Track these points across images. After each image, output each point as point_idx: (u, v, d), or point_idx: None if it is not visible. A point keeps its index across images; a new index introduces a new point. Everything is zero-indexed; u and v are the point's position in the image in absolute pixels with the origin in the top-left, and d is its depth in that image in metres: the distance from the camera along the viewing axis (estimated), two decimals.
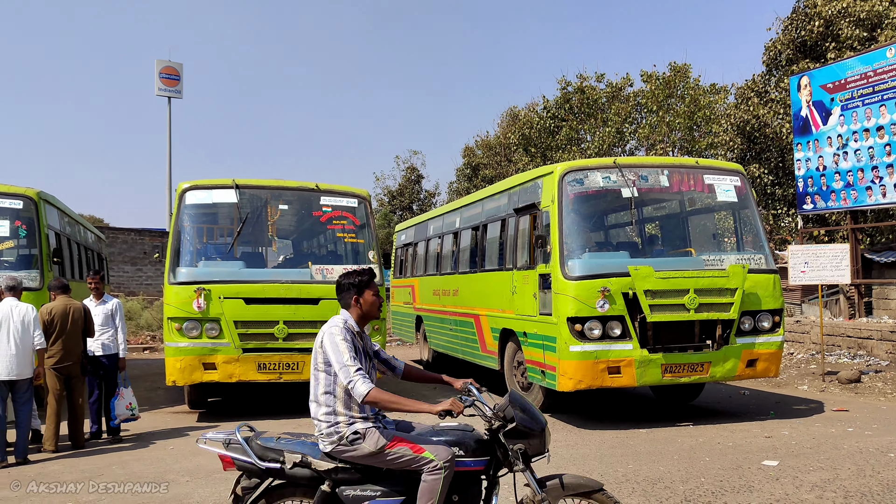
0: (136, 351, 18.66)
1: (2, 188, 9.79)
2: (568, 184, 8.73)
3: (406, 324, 16.31)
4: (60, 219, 11.30)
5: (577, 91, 26.38)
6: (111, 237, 24.69)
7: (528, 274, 9.26)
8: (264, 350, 9.22)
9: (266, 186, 10.05)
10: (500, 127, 38.04)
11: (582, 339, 8.22)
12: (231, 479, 6.42)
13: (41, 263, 9.61)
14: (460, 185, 38.18)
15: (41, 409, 8.32)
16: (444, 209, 14.32)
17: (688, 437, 8.05)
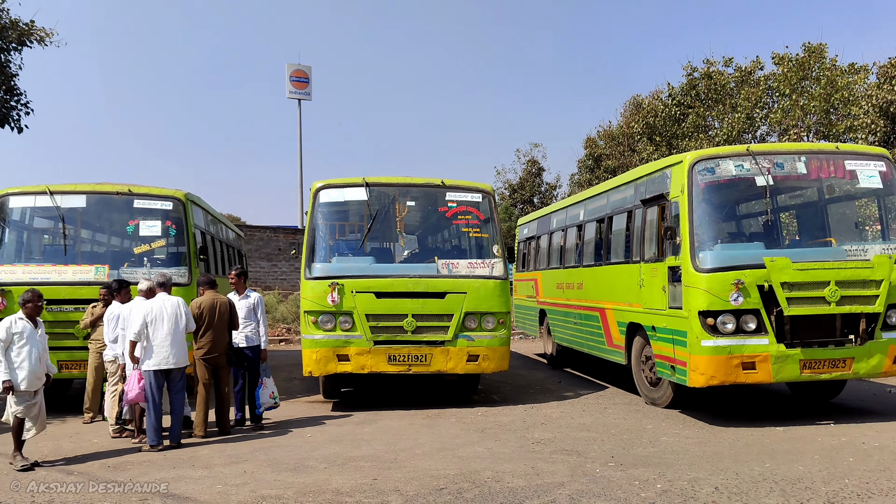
0: (272, 343, 19.60)
1: (153, 190, 10.53)
2: (698, 173, 8.50)
3: (529, 317, 16.28)
4: (205, 218, 12.03)
5: (703, 77, 25.43)
6: (248, 234, 25.94)
7: (656, 266, 9.09)
8: (394, 342, 9.52)
9: (394, 184, 10.33)
10: (622, 116, 37.19)
11: (714, 334, 7.99)
12: (366, 467, 6.70)
13: (189, 261, 10.28)
14: (582, 177, 37.64)
15: (191, 398, 8.92)
16: (568, 202, 14.20)
17: (829, 437, 7.68)
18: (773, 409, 9.64)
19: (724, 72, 25.57)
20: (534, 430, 8.39)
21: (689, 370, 8.22)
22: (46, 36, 13.76)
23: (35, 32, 13.60)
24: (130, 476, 6.59)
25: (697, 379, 8.12)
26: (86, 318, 9.25)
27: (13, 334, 6.93)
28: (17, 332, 6.96)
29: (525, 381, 12.73)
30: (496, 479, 6.25)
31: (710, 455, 6.98)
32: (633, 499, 5.58)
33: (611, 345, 10.87)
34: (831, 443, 7.38)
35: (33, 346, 7.02)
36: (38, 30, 13.66)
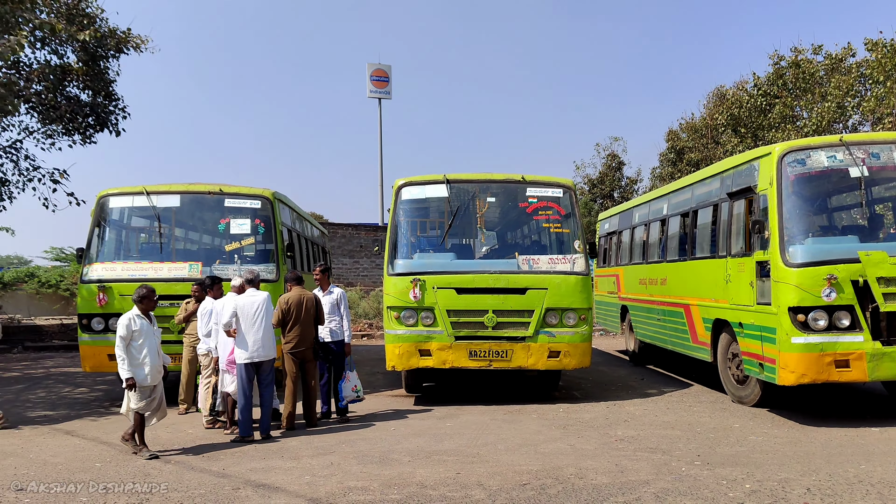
0: (355, 338, 19.96)
1: (242, 190, 10.90)
2: (788, 165, 8.26)
3: (610, 314, 16.07)
4: (291, 216, 12.37)
5: (791, 65, 24.52)
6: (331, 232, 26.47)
7: (743, 261, 8.86)
8: (475, 338, 9.59)
9: (474, 180, 10.39)
10: (706, 108, 36.23)
11: (805, 331, 7.74)
12: (450, 461, 6.79)
13: (277, 257, 10.61)
14: (664, 171, 36.87)
15: (279, 391, 9.20)
16: (650, 196, 13.95)
17: None
18: (868, 408, 9.29)
19: (813, 60, 24.60)
20: (617, 428, 8.32)
21: (778, 368, 7.98)
22: (142, 43, 14.38)
23: (132, 40, 14.23)
24: (223, 466, 6.86)
25: (787, 377, 7.88)
26: (180, 314, 9.65)
27: (132, 332, 7.26)
28: (137, 330, 7.28)
29: (607, 377, 12.60)
30: (579, 475, 6.24)
31: (801, 455, 6.78)
32: (721, 498, 5.49)
33: (696, 341, 10.65)
34: None
35: (151, 341, 7.37)
36: (135, 37, 14.29)
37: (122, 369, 7.18)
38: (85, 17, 13.23)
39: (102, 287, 10.09)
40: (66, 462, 7.12)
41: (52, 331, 20.80)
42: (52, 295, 27.33)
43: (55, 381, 13.10)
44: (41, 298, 27.25)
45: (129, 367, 7.18)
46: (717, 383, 10.20)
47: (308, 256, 14.13)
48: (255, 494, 5.93)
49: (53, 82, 13.98)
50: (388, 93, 37.88)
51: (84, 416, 9.67)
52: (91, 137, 15.38)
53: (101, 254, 10.52)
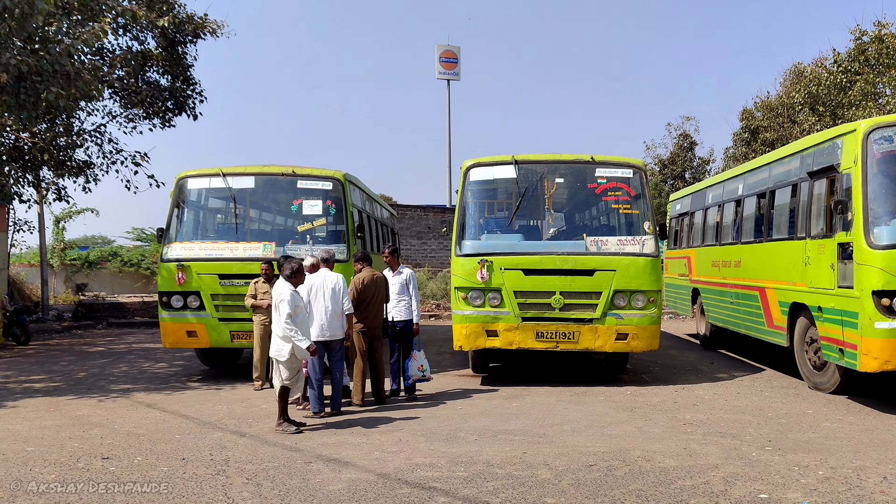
0: (422, 318, 20.17)
1: (314, 171, 11.12)
2: (874, 142, 7.89)
3: (681, 296, 15.77)
4: (361, 197, 12.57)
5: (874, 40, 23.43)
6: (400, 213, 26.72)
7: (823, 243, 8.56)
8: (542, 319, 9.60)
9: (543, 161, 10.35)
10: (782, 86, 34.96)
11: (890, 315, 7.43)
12: (516, 441, 6.84)
13: (347, 238, 10.81)
14: (737, 151, 35.82)
15: (349, 368, 9.41)
16: (725, 176, 13.57)
17: None
18: None
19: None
20: (685, 411, 8.24)
21: (860, 354, 7.68)
22: (218, 28, 14.76)
23: (208, 25, 14.61)
24: (296, 440, 7.09)
25: (870, 363, 7.58)
26: (250, 293, 9.89)
27: (296, 307, 7.53)
28: (299, 305, 7.59)
29: (675, 361, 12.44)
30: (646, 458, 6.23)
31: (877, 443, 6.61)
32: (792, 484, 5.41)
33: (771, 326, 10.36)
34: None
35: (304, 315, 7.70)
36: (211, 23, 14.66)
37: (300, 341, 7.44)
38: (164, 4, 13.64)
39: (181, 266, 10.46)
40: (148, 433, 7.46)
41: (133, 308, 21.73)
42: (134, 273, 28.50)
43: (136, 357, 13.69)
44: (123, 277, 28.45)
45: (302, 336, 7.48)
46: (791, 369, 9.97)
47: (378, 237, 14.33)
48: (325, 468, 6.11)
49: (135, 68, 14.48)
50: (457, 74, 37.80)
51: (163, 390, 10.10)
52: (170, 121, 15.91)
53: (180, 234, 10.88)
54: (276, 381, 7.64)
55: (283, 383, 7.56)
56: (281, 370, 7.55)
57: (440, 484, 5.61)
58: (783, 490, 5.28)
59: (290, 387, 7.61)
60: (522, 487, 5.48)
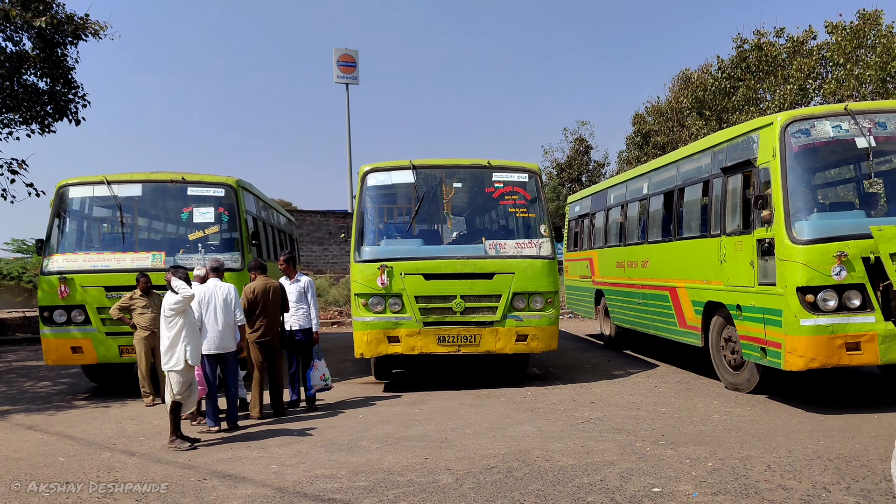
0: (324, 326, 19.91)
1: (206, 178, 10.76)
2: (791, 135, 7.75)
3: (584, 298, 15.68)
4: (257, 204, 12.26)
5: (754, 48, 24.80)
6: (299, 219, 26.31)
7: (741, 240, 8.40)
8: (443, 324, 9.60)
9: (440, 165, 10.37)
10: (671, 91, 36.51)
11: (815, 312, 7.27)
12: (418, 447, 6.81)
13: (242, 246, 10.51)
14: (631, 154, 37.12)
15: (246, 380, 9.15)
16: (628, 175, 13.41)
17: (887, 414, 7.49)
18: (865, 393, 9.25)
19: (775, 43, 24.91)
20: (583, 409, 8.40)
21: (784, 352, 7.52)
22: (101, 29, 14.06)
23: (90, 26, 13.90)
24: (190, 457, 6.81)
25: (795, 362, 7.40)
26: (117, 305, 9.50)
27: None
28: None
29: (575, 360, 12.70)
30: (546, 457, 6.29)
31: (762, 433, 6.90)
32: (684, 477, 5.57)
33: (684, 326, 10.24)
34: (889, 420, 7.21)
35: (191, 319, 7.42)
36: (93, 24, 13.96)
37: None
38: (41, 3, 12.89)
39: (63, 279, 9.92)
40: (29, 457, 7.01)
41: (14, 324, 20.48)
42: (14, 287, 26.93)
43: (17, 376, 12.89)
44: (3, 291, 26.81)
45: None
46: (711, 370, 9.86)
47: (275, 244, 14.03)
48: (221, 485, 5.89)
49: (9, 70, 13.63)
50: (356, 78, 37.65)
51: (46, 410, 9.54)
52: (50, 126, 15.03)
53: (62, 245, 10.33)
54: (168, 396, 7.32)
55: (175, 398, 7.24)
56: (172, 385, 7.23)
57: (340, 495, 5.50)
58: (675, 483, 5.44)
59: (182, 401, 7.30)
60: (423, 494, 5.44)
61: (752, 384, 8.72)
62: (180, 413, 7.35)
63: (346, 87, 37.51)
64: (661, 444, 6.64)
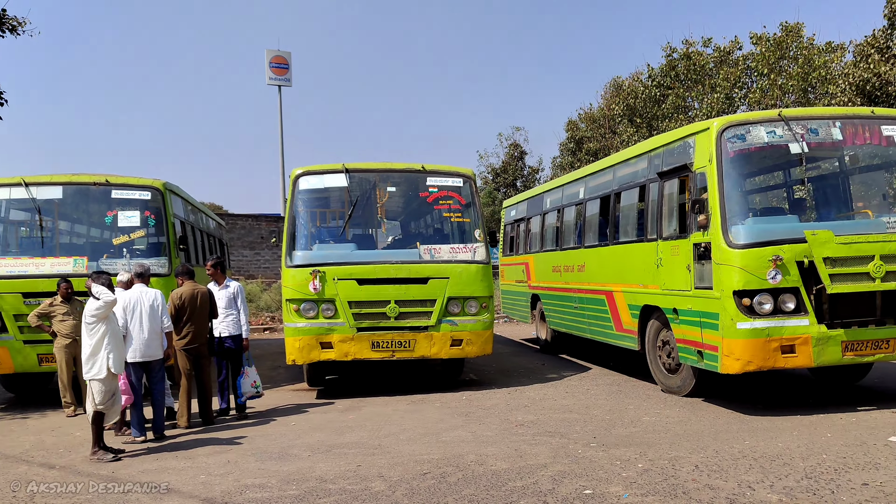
0: (256, 332, 19.56)
1: (130, 180, 10.43)
2: (727, 141, 7.82)
3: (519, 303, 15.68)
4: (185, 207, 11.94)
5: (683, 57, 25.53)
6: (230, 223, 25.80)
7: (678, 244, 8.44)
8: (377, 329, 9.51)
9: (374, 169, 10.30)
10: (603, 98, 37.28)
11: (751, 315, 7.35)
12: (350, 454, 6.72)
13: (169, 251, 10.21)
14: (564, 160, 37.72)
15: (174, 388, 8.88)
16: (564, 179, 13.34)
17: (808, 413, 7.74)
18: (798, 393, 9.42)
19: (703, 52, 25.69)
20: (517, 413, 8.43)
21: (721, 356, 7.57)
22: (19, 25, 13.49)
23: (7, 21, 13.33)
24: (113, 469, 6.56)
25: (732, 365, 7.46)
26: (36, 311, 9.16)
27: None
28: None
29: (511, 364, 12.77)
30: (479, 462, 6.28)
31: (690, 434, 7.04)
32: (615, 479, 5.63)
33: (620, 330, 10.26)
34: (811, 419, 7.44)
35: (114, 327, 7.18)
36: (10, 19, 13.39)
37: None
38: None
39: None
40: None
41: None
42: None
43: None
44: None
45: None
46: (647, 373, 9.87)
47: (204, 249, 13.70)
48: (146, 497, 5.69)
49: None
50: (289, 80, 37.21)
51: None
52: None
53: None
54: (90, 406, 7.04)
55: (97, 408, 6.97)
56: (94, 394, 6.96)
57: None
58: (606, 485, 5.49)
59: (104, 411, 7.03)
60: (356, 501, 5.35)
61: (688, 387, 8.77)
62: (103, 423, 7.08)
63: (279, 88, 37.04)
64: (592, 446, 6.71)
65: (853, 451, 6.11)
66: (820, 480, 5.34)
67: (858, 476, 5.41)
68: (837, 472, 5.54)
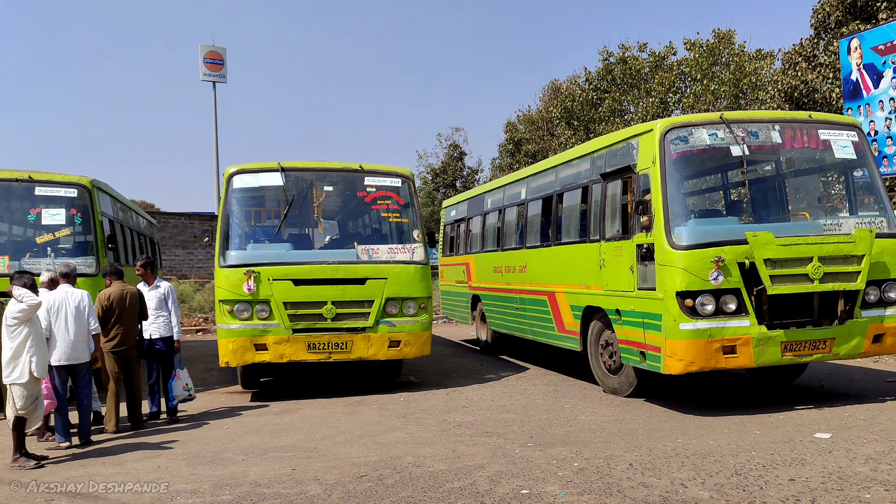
0: (189, 333, 19.12)
1: (56, 177, 10.05)
2: (671, 142, 7.83)
3: (459, 304, 15.58)
4: (113, 205, 11.57)
5: (619, 62, 26.03)
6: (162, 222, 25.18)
7: (621, 245, 8.43)
8: (313, 330, 9.38)
9: (311, 168, 10.15)
10: (542, 101, 37.70)
11: (693, 316, 7.37)
12: (286, 457, 6.60)
13: (96, 250, 9.87)
14: (503, 161, 38.01)
15: (101, 392, 8.59)
16: (506, 180, 13.33)
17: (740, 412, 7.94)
18: (740, 393, 9.62)
19: (638, 57, 26.20)
20: (455, 414, 8.42)
21: (664, 356, 7.60)
22: None
23: None
24: (36, 476, 6.29)
25: (675, 365, 7.49)
26: None
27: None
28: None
29: (450, 365, 12.77)
30: (417, 463, 6.24)
31: (625, 432, 7.14)
32: (551, 478, 5.66)
33: (562, 330, 10.22)
34: (741, 418, 7.62)
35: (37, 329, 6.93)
36: None
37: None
38: None
39: None
40: None
41: None
42: None
43: None
44: None
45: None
46: (589, 373, 9.84)
47: (134, 248, 13.32)
48: None
49: None
50: (224, 76, 36.51)
51: None
52: None
53: None
54: (10, 412, 6.75)
55: (18, 413, 6.68)
56: (15, 399, 6.67)
57: None
58: (543, 484, 5.51)
59: (26, 416, 6.74)
60: None
61: (630, 388, 8.80)
62: (24, 429, 6.79)
63: (213, 85, 36.34)
64: (529, 446, 6.74)
65: (781, 447, 6.28)
66: (749, 477, 5.47)
67: (786, 472, 5.56)
68: (766, 468, 5.68)
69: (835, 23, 20.53)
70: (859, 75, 15.32)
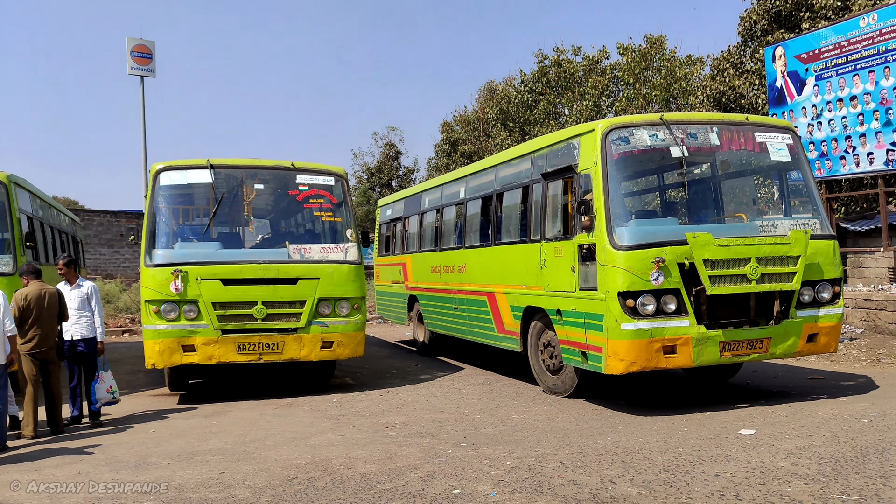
0: (115, 334, 18.53)
1: None
2: (612, 143, 7.83)
3: (396, 304, 15.39)
4: (32, 202, 11.13)
5: (554, 64, 26.37)
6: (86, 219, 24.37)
7: (562, 245, 8.40)
8: (243, 331, 9.19)
9: (241, 166, 9.94)
10: (478, 102, 37.89)
11: (635, 316, 7.39)
12: (214, 461, 6.44)
13: (14, 248, 9.47)
14: (439, 161, 38.07)
15: (19, 396, 8.25)
16: (444, 179, 13.23)
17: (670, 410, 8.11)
18: (681, 393, 9.74)
19: (573, 60, 26.58)
20: (388, 415, 8.37)
21: (605, 356, 7.62)
22: None
23: None
24: None
25: (616, 366, 7.52)
26: None
27: None
28: None
29: (385, 366, 12.69)
30: (349, 465, 6.17)
31: (557, 431, 7.20)
32: (483, 477, 5.67)
33: (502, 331, 10.18)
34: (669, 416, 7.78)
35: None
36: None
37: None
38: None
39: None
40: None
41: None
42: None
43: None
44: None
45: None
46: (529, 374, 9.81)
47: (55, 247, 12.83)
48: None
49: None
50: (152, 70, 35.49)
51: None
52: None
53: None
54: None
55: None
56: None
57: None
58: (475, 483, 5.51)
59: None
60: None
61: (571, 388, 8.80)
62: None
63: (141, 79, 35.28)
64: (462, 445, 6.74)
65: (707, 444, 6.43)
66: (676, 473, 5.58)
67: (711, 468, 5.68)
68: (692, 464, 5.81)
69: (761, 31, 21.26)
70: (784, 82, 15.88)
